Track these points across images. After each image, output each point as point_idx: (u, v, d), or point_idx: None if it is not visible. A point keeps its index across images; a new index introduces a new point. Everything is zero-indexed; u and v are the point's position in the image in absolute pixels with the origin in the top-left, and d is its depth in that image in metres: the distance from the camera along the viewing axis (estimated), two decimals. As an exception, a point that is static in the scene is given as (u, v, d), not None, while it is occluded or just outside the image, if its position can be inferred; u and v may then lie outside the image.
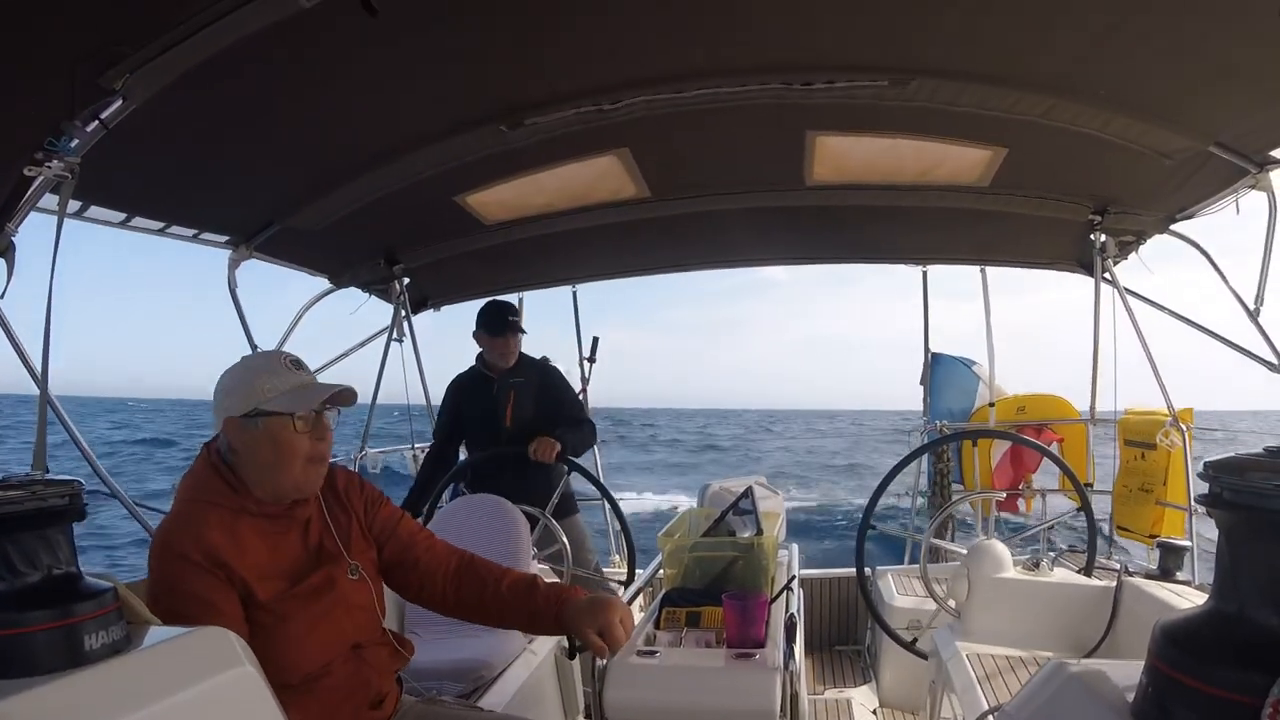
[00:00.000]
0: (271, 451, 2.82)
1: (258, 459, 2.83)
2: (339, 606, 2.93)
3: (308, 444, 2.85)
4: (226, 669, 1.87)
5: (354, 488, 3.23)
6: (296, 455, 2.84)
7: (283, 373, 2.87)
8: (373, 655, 3.04)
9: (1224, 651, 1.50)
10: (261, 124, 4.04)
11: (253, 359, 2.94)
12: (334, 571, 2.96)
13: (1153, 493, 6.44)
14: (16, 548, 1.71)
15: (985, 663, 4.35)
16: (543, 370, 6.58)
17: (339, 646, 2.92)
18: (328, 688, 2.84)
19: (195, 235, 5.27)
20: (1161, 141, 4.50)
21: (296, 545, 2.94)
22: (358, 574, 3.04)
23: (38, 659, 1.62)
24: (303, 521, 2.99)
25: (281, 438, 2.82)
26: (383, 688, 3.07)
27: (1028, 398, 8.68)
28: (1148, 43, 3.62)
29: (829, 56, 3.97)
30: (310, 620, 2.82)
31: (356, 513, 3.18)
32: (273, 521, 2.89)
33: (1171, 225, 5.87)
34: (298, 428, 2.83)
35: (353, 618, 2.98)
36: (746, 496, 4.57)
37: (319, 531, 3.02)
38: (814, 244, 7.47)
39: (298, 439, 2.83)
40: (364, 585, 3.06)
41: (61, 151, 3.13)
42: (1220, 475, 1.56)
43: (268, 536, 2.86)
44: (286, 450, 2.83)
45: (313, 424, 2.86)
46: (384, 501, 3.32)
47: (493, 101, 4.28)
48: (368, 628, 3.06)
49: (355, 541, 3.12)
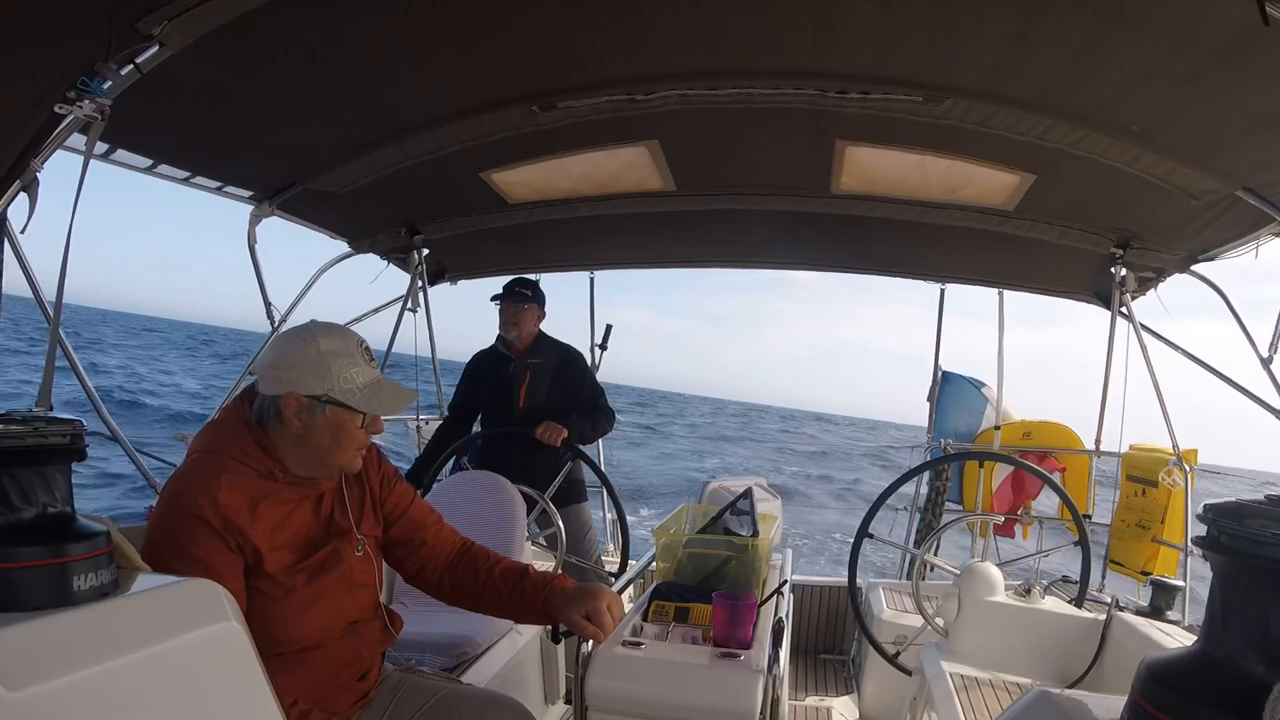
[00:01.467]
0: (329, 438, 2.85)
1: (310, 441, 2.84)
2: (342, 583, 2.94)
3: (363, 437, 2.91)
4: (212, 622, 1.88)
5: (372, 463, 3.23)
6: (352, 446, 2.90)
7: (361, 364, 2.88)
8: (366, 631, 3.05)
9: (1207, 695, 1.50)
10: (294, 83, 4.04)
11: (327, 338, 2.89)
12: (342, 547, 2.97)
13: (1150, 530, 6.43)
14: (14, 483, 1.72)
15: (969, 684, 4.35)
16: (563, 354, 6.59)
17: (338, 623, 2.93)
18: (320, 660, 2.85)
19: (219, 188, 5.27)
20: (1189, 181, 4.49)
21: (308, 517, 2.95)
22: (364, 550, 3.06)
23: (24, 595, 1.62)
24: (318, 494, 2.99)
25: (345, 430, 2.86)
26: (371, 662, 3.09)
27: (1034, 424, 8.66)
28: (1185, 85, 3.61)
29: (865, 67, 3.96)
30: (313, 594, 2.84)
31: (372, 488, 3.19)
32: (292, 489, 2.89)
33: (1192, 265, 5.86)
34: (363, 424, 2.89)
35: (353, 595, 2.99)
36: (745, 497, 4.57)
37: (331, 505, 3.03)
38: (834, 252, 7.46)
39: (358, 434, 2.89)
40: (368, 562, 3.08)
41: (94, 92, 3.12)
42: (1219, 519, 1.56)
43: (283, 505, 2.85)
44: (345, 441, 2.87)
45: (371, 420, 2.91)
46: (398, 479, 3.34)
47: (527, 82, 4.28)
48: (366, 605, 3.07)
49: (367, 517, 3.14)
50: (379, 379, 2.92)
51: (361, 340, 2.94)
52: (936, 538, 6.41)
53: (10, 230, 3.64)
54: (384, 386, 2.92)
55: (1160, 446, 6.59)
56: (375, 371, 2.92)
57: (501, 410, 6.46)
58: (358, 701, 3.03)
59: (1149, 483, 6.49)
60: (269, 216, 5.68)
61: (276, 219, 5.78)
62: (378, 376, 2.92)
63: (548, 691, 5.42)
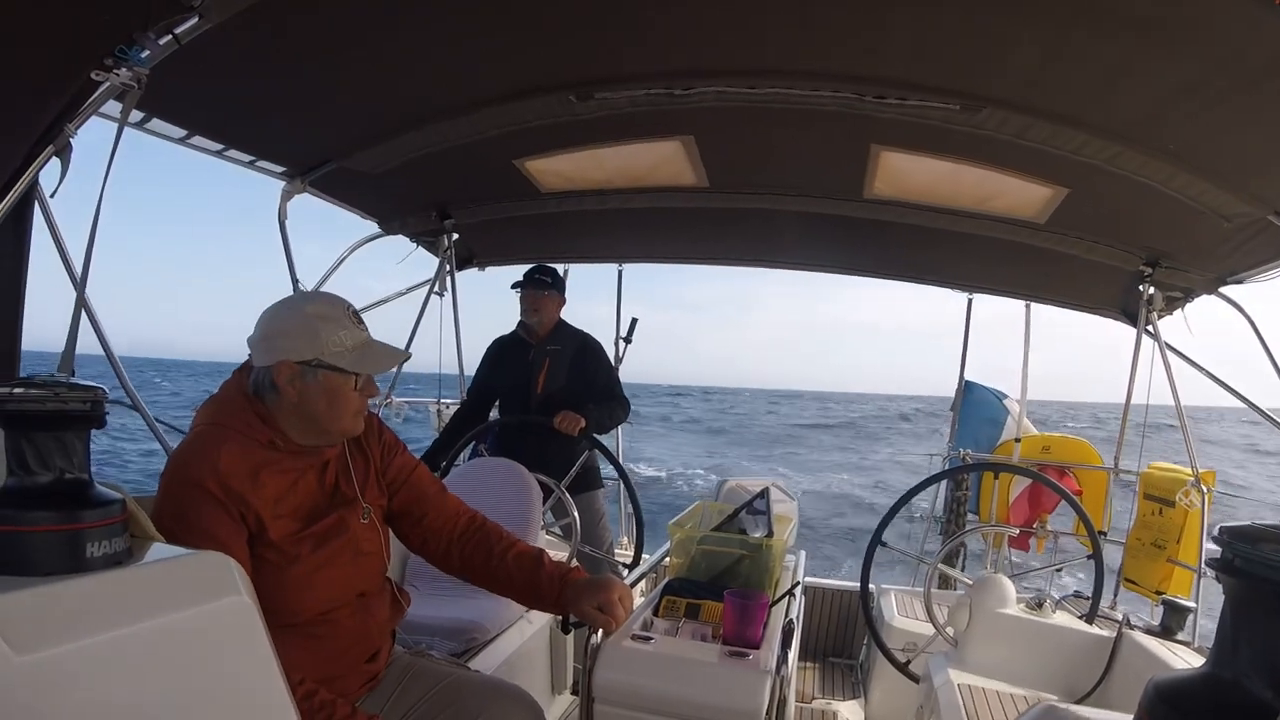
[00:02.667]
0: (325, 403, 2.86)
1: (306, 407, 2.86)
2: (348, 551, 2.95)
3: (359, 400, 2.91)
4: (222, 595, 1.88)
5: (373, 432, 3.25)
6: (349, 409, 2.90)
7: (349, 326, 2.89)
8: (376, 605, 3.07)
9: (1214, 716, 1.50)
10: (332, 61, 4.05)
11: (313, 304, 2.92)
12: (347, 515, 2.99)
13: (1165, 549, 6.41)
14: (32, 447, 1.73)
15: (976, 694, 4.34)
16: (582, 342, 6.61)
17: (346, 593, 2.95)
18: (330, 634, 2.87)
19: (252, 162, 5.28)
20: (1222, 203, 4.48)
21: (313, 485, 2.96)
22: (369, 518, 3.07)
23: (37, 559, 1.63)
24: (322, 463, 3.01)
25: (340, 393, 2.87)
26: (380, 642, 3.11)
27: (1054, 438, 8.63)
28: (1221, 106, 3.59)
29: (904, 74, 3.96)
30: (319, 562, 2.85)
31: (374, 457, 3.21)
32: (295, 458, 2.90)
33: (1220, 287, 5.84)
34: (357, 385, 2.89)
35: (359, 564, 3.01)
36: (762, 497, 4.57)
37: (336, 473, 3.05)
38: (863, 256, 7.45)
39: (354, 396, 2.89)
40: (374, 530, 3.10)
41: (132, 60, 3.13)
42: (1234, 542, 1.56)
43: (287, 474, 2.87)
44: (341, 404, 2.88)
45: (365, 381, 2.91)
46: (400, 449, 3.35)
47: (566, 71, 4.28)
48: (373, 575, 3.09)
49: (371, 486, 3.15)
50: (368, 339, 2.93)
51: (348, 305, 2.95)
52: (954, 547, 6.40)
53: (41, 195, 3.66)
54: (374, 346, 2.95)
55: (1179, 466, 6.57)
56: (364, 333, 2.93)
57: (519, 395, 6.49)
58: (366, 683, 3.05)
59: (1166, 502, 6.47)
60: (301, 194, 5.69)
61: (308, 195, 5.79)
62: (367, 337, 2.93)
63: (555, 681, 5.43)
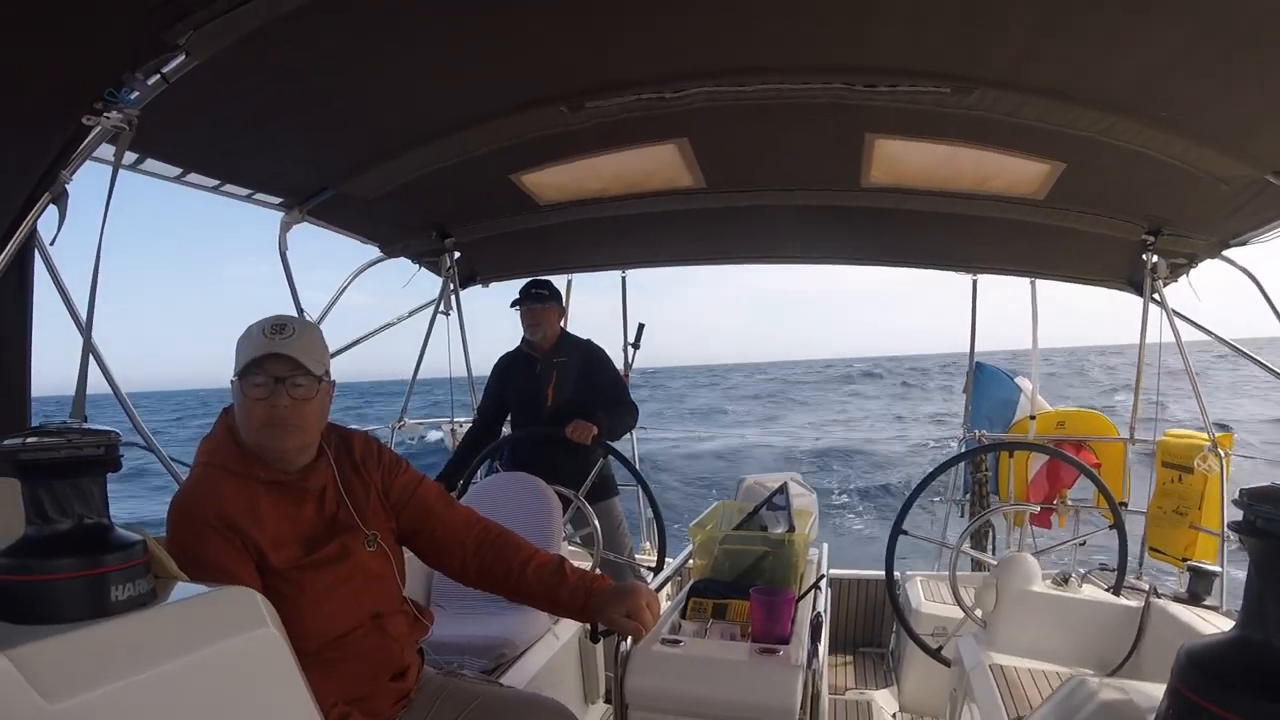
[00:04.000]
0: (242, 414, 2.92)
1: (238, 421, 2.94)
2: (355, 576, 2.98)
3: (261, 409, 2.88)
4: (250, 629, 1.89)
5: (371, 456, 3.27)
6: (252, 418, 2.90)
7: (257, 337, 2.91)
8: (393, 625, 3.08)
9: (1247, 679, 1.50)
10: (322, 89, 4.06)
11: (252, 325, 2.97)
12: (349, 541, 3.01)
13: (1187, 516, 6.40)
14: (49, 494, 1.74)
15: (1008, 674, 4.34)
16: (586, 351, 6.62)
17: (357, 615, 2.97)
18: (349, 657, 2.88)
19: (249, 195, 5.28)
20: (1220, 167, 4.47)
21: (311, 514, 3.00)
22: (375, 545, 3.09)
23: (63, 606, 1.64)
24: (317, 491, 3.04)
25: (242, 401, 2.90)
26: (405, 659, 3.11)
27: (1068, 413, 8.61)
28: (1213, 70, 3.59)
29: (893, 60, 3.96)
30: (325, 588, 2.88)
31: (374, 481, 3.22)
32: (286, 490, 2.95)
33: (1224, 250, 5.83)
34: (251, 392, 2.88)
35: (370, 587, 3.03)
36: (781, 492, 4.58)
37: (335, 501, 3.07)
38: (865, 246, 7.45)
39: (254, 404, 2.88)
40: (383, 556, 3.12)
41: (121, 102, 3.15)
42: (1255, 503, 1.56)
43: (280, 505, 2.92)
44: (245, 413, 2.91)
45: (271, 390, 2.88)
46: (402, 468, 3.36)
47: (555, 83, 4.28)
48: (387, 597, 3.11)
49: (373, 511, 3.16)
50: (263, 341, 2.91)
51: (273, 320, 2.98)
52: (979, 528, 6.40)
53: (41, 243, 3.67)
54: (255, 340, 2.93)
55: (1195, 432, 6.56)
56: (270, 342, 2.90)
57: (530, 410, 6.50)
58: (398, 702, 3.06)
59: (1185, 469, 6.45)
60: (299, 223, 5.69)
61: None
62: (263, 339, 2.91)
63: (587, 691, 5.44)
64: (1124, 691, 1.86)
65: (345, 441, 3.26)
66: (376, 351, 7.40)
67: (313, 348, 2.97)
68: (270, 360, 2.87)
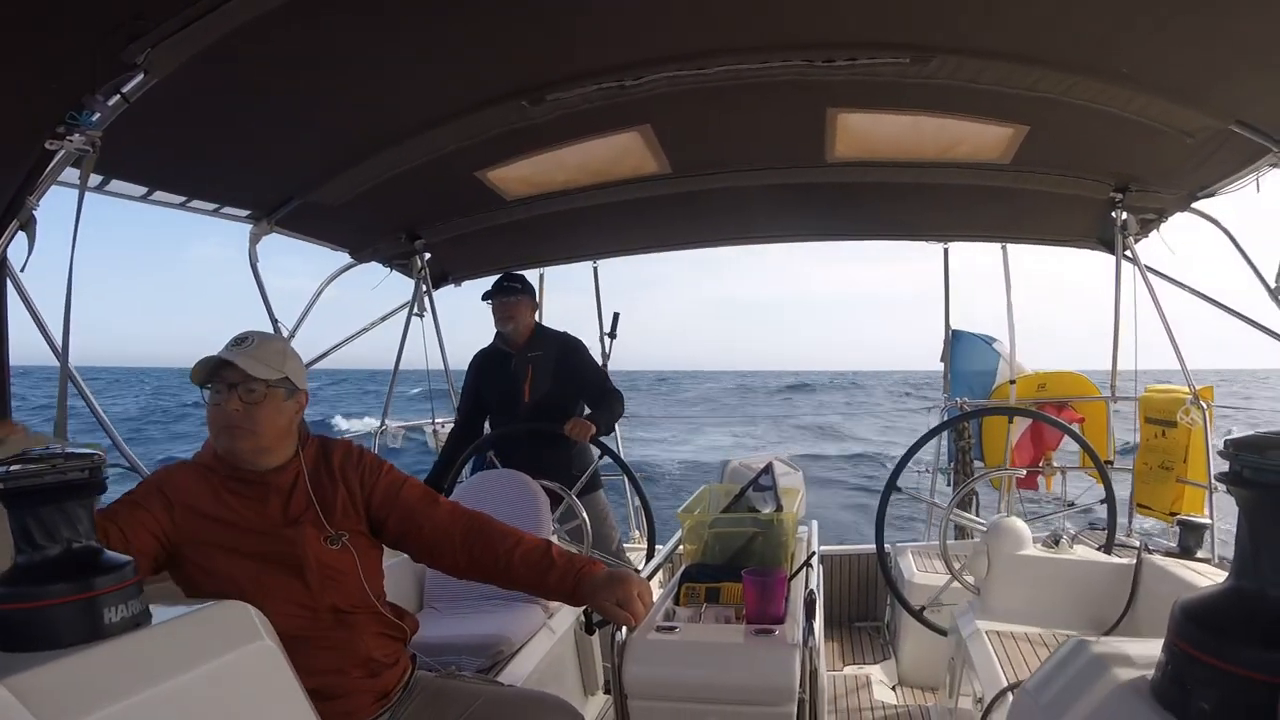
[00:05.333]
0: (208, 420, 3.04)
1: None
2: (305, 567, 3.01)
3: (216, 414, 3.01)
4: (246, 643, 1.89)
5: (351, 462, 3.30)
6: (210, 423, 3.03)
7: (221, 349, 3.02)
8: (359, 621, 3.10)
9: (1244, 630, 1.50)
10: (282, 99, 4.05)
11: None
12: (300, 534, 3.05)
13: (1173, 470, 6.43)
14: (36, 521, 1.73)
15: (1005, 640, 4.35)
16: (562, 343, 6.58)
17: (314, 605, 3.01)
18: (312, 653, 2.85)
19: (216, 210, 5.28)
20: (1183, 120, 4.49)
21: (274, 511, 3.07)
22: (339, 543, 3.11)
23: (58, 632, 1.63)
24: (284, 488, 3.11)
25: (209, 409, 3.03)
26: (377, 656, 3.11)
27: (1048, 375, 8.66)
28: (1170, 23, 3.60)
29: (850, 33, 3.96)
30: (268, 583, 2.94)
31: (350, 485, 3.24)
32: (249, 485, 3.07)
33: (1193, 203, 5.85)
34: (209, 398, 3.02)
35: (327, 581, 3.05)
36: (767, 473, 4.57)
37: (302, 500, 3.12)
38: (834, 221, 7.46)
39: (211, 409, 3.02)
40: (346, 554, 3.13)
41: (83, 125, 3.15)
42: (1241, 453, 1.55)
43: (240, 498, 3.05)
44: (208, 419, 3.05)
45: (225, 395, 2.99)
46: (383, 470, 3.36)
47: (515, 78, 4.28)
48: (348, 594, 3.11)
49: (342, 512, 3.18)
50: (224, 353, 3.02)
51: (240, 334, 3.10)
52: (965, 495, 6.41)
53: (11, 269, 3.65)
54: (220, 353, 3.04)
55: (1176, 386, 6.58)
56: (228, 351, 3.01)
57: (508, 406, 6.46)
58: (377, 701, 3.07)
59: (1168, 423, 6.48)
60: (268, 234, 5.68)
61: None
62: (225, 352, 3.02)
63: (586, 683, 5.43)
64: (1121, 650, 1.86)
65: (325, 448, 3.29)
66: (371, 342, 7.39)
67: (268, 356, 3.05)
68: (225, 368, 2.97)
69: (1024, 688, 2.06)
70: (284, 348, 3.17)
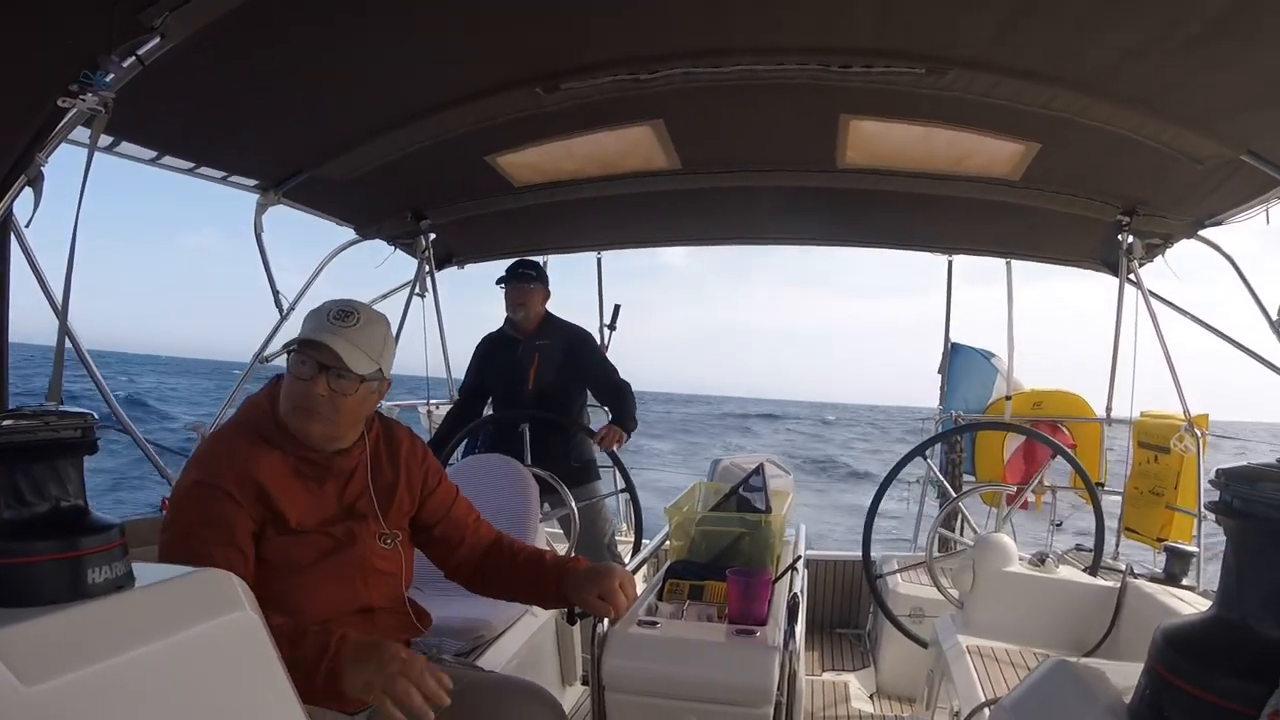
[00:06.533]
0: (285, 387, 2.89)
1: (281, 392, 2.90)
2: (354, 566, 2.94)
3: (299, 389, 2.84)
4: (227, 612, 1.88)
5: (415, 457, 3.25)
6: (288, 395, 2.87)
7: (322, 318, 2.87)
8: (383, 621, 3.05)
9: (1224, 659, 1.50)
10: (297, 72, 4.05)
11: (329, 301, 2.96)
12: (360, 530, 2.97)
13: (1163, 496, 6.44)
14: (26, 478, 1.71)
15: (985, 655, 4.36)
16: (570, 335, 6.59)
17: (348, 605, 2.93)
18: None
19: (224, 178, 5.28)
20: (1194, 147, 4.49)
21: (331, 496, 2.96)
22: (392, 544, 3.07)
23: (40, 589, 1.62)
24: (344, 474, 3.01)
25: (288, 375, 2.88)
26: None
27: (1045, 394, 8.67)
28: (1188, 50, 3.60)
29: (868, 41, 3.96)
30: (323, 572, 2.85)
31: (411, 480, 3.20)
32: (312, 465, 2.91)
33: (1199, 231, 5.86)
34: (296, 370, 2.85)
35: (370, 581, 2.99)
36: (757, 473, 4.57)
37: (360, 489, 3.03)
38: (840, 226, 7.46)
39: (294, 382, 2.86)
40: (394, 555, 3.09)
41: (96, 85, 3.13)
42: (1232, 483, 1.56)
43: (303, 479, 2.89)
44: (286, 388, 2.89)
45: (314, 374, 2.82)
46: (443, 478, 3.35)
47: (530, 64, 4.27)
48: (387, 595, 3.08)
49: (397, 508, 3.13)
50: (325, 326, 2.86)
51: (341, 305, 2.94)
52: (952, 509, 6.42)
53: (16, 225, 3.65)
54: (319, 322, 2.89)
55: (1171, 412, 6.59)
56: (328, 325, 2.86)
57: (512, 392, 6.46)
58: None
59: (1161, 449, 6.49)
60: (275, 205, 5.68)
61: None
62: (326, 325, 2.86)
63: (565, 673, 5.43)
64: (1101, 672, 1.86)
65: (390, 434, 3.23)
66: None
67: (370, 343, 2.91)
68: (324, 347, 2.82)
69: (1001, 704, 2.06)
70: (386, 332, 3.05)
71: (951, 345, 9.24)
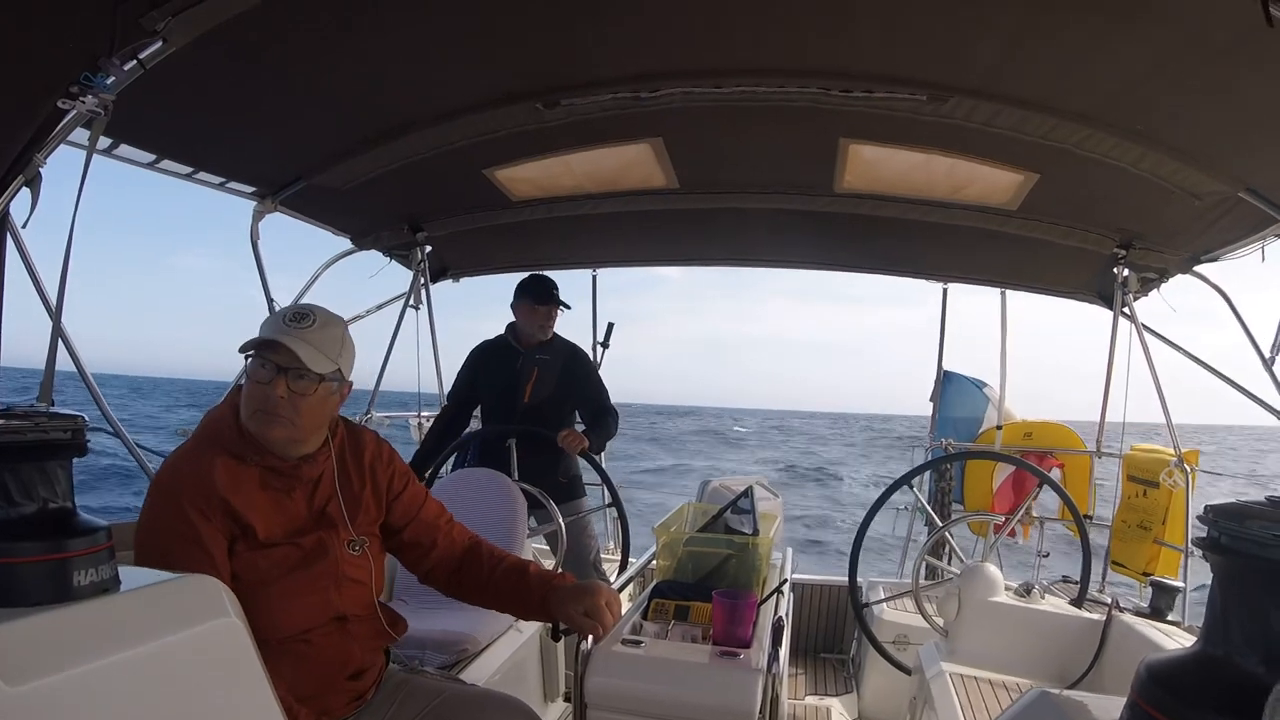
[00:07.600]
0: (244, 393, 2.85)
1: (241, 399, 2.86)
2: (327, 575, 2.92)
3: (258, 393, 2.80)
4: (212, 618, 1.87)
5: (381, 460, 3.21)
6: (248, 400, 2.82)
7: (277, 321, 2.85)
8: (358, 628, 3.03)
9: (1207, 695, 1.50)
10: (298, 80, 4.05)
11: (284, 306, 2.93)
12: (329, 539, 2.94)
13: (1151, 531, 6.44)
14: (14, 478, 1.70)
15: (968, 684, 4.35)
16: (571, 352, 6.56)
17: (322, 614, 2.91)
18: (305, 655, 2.82)
19: (222, 184, 5.28)
20: (1193, 182, 4.50)
21: (300, 504, 2.93)
22: (360, 550, 3.03)
23: (25, 590, 1.61)
24: (310, 481, 2.97)
25: (246, 381, 2.85)
26: (364, 660, 3.05)
27: (1035, 424, 8.66)
28: (1188, 85, 3.62)
29: (870, 66, 3.97)
30: (296, 583, 2.83)
31: (377, 485, 3.16)
32: (277, 476, 2.87)
33: (1195, 266, 5.87)
34: (254, 374, 2.82)
35: (343, 589, 2.97)
36: (746, 496, 4.58)
37: (327, 495, 3.00)
38: (837, 251, 7.45)
39: (253, 386, 2.82)
40: (364, 561, 3.05)
41: (97, 87, 3.13)
42: (1220, 520, 1.56)
43: (270, 490, 2.85)
44: (245, 394, 2.84)
45: (272, 376, 2.79)
46: (410, 480, 3.31)
47: (531, 79, 4.28)
48: (358, 602, 3.04)
49: (365, 513, 3.10)
50: (281, 328, 2.83)
51: (299, 309, 2.91)
52: (940, 538, 6.42)
53: (13, 225, 3.64)
54: (274, 325, 2.86)
55: (1161, 448, 6.60)
56: (284, 327, 2.82)
57: (505, 403, 6.42)
58: (353, 701, 3.01)
59: (1150, 483, 6.50)
60: (271, 212, 5.68)
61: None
62: (281, 327, 2.83)
63: (547, 689, 5.42)
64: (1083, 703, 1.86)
65: (355, 438, 3.19)
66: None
67: (327, 344, 2.87)
68: (276, 349, 2.79)
69: None
70: (343, 334, 2.99)
71: (944, 373, 9.24)
